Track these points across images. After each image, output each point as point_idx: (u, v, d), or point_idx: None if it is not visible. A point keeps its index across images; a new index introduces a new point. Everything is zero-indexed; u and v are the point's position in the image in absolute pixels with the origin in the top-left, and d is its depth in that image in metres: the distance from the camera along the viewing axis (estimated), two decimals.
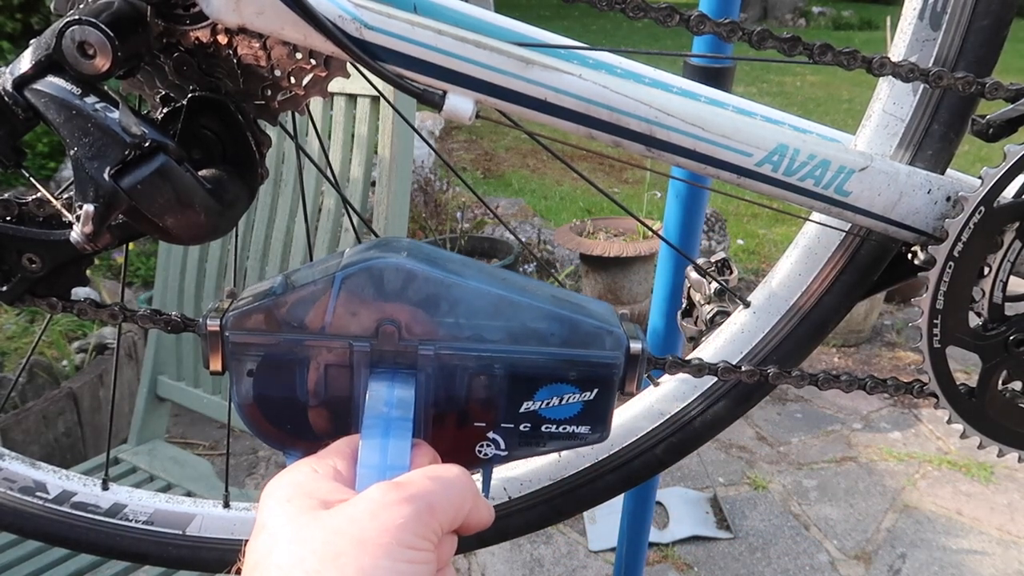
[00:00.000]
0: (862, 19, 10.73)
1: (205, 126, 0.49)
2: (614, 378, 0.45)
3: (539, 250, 3.38)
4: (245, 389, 0.44)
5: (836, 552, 1.91)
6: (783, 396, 2.53)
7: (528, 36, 0.46)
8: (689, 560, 1.89)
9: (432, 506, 0.34)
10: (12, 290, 0.50)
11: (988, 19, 0.48)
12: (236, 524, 0.65)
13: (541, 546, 1.91)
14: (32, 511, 0.62)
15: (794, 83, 7.26)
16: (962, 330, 0.54)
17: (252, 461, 2.14)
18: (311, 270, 0.45)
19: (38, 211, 0.49)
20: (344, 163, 1.30)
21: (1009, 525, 2.01)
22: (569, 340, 0.44)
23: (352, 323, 0.42)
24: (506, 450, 0.46)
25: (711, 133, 0.47)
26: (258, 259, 1.39)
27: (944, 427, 2.36)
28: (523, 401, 0.45)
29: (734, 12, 0.92)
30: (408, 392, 0.42)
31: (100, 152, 0.41)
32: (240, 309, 0.43)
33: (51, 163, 3.11)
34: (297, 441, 0.46)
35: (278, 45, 0.47)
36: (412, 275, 0.42)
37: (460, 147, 5.27)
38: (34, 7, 3.32)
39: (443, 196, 3.40)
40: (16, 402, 1.84)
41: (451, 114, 0.45)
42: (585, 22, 9.86)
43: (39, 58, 0.42)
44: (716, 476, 2.18)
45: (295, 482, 0.36)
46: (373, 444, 0.38)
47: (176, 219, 0.44)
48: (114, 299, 1.49)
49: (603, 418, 0.46)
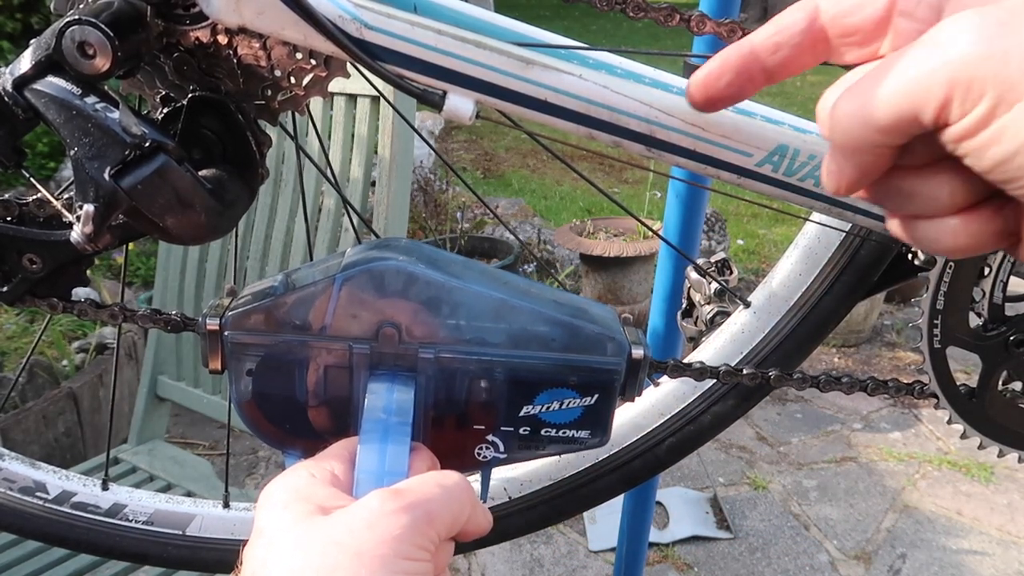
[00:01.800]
0: None
1: (205, 126, 0.48)
2: (615, 384, 0.45)
3: (539, 250, 3.38)
4: (244, 388, 0.44)
5: (836, 552, 1.91)
6: (783, 396, 2.53)
7: (528, 36, 0.46)
8: (689, 560, 1.88)
9: (430, 515, 0.34)
10: (12, 290, 0.51)
11: None
12: (236, 524, 0.65)
13: (541, 546, 1.91)
14: (32, 511, 0.62)
15: (794, 83, 7.25)
16: (962, 330, 0.54)
17: (252, 461, 2.14)
18: (311, 270, 0.45)
19: (38, 211, 0.49)
20: (344, 163, 1.30)
21: (1009, 525, 2.01)
22: (570, 345, 0.44)
23: (352, 325, 0.42)
24: (505, 453, 0.46)
25: (711, 133, 0.47)
26: (258, 259, 1.39)
27: (944, 427, 2.36)
28: (523, 405, 0.44)
29: (734, 12, 0.92)
30: (407, 396, 0.42)
31: (100, 152, 0.41)
32: (240, 308, 0.43)
33: (51, 163, 3.11)
34: (296, 440, 0.46)
35: (278, 45, 0.47)
36: (413, 277, 0.42)
37: (460, 147, 5.27)
38: (34, 7, 3.32)
39: (443, 196, 3.40)
40: (16, 402, 1.84)
41: (451, 114, 0.45)
42: (585, 22, 9.86)
43: (39, 58, 0.41)
44: (716, 476, 2.18)
45: (292, 487, 0.36)
46: (371, 449, 0.38)
47: (176, 219, 0.44)
48: (114, 299, 1.49)
49: (603, 423, 0.46)
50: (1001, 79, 0.24)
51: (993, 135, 0.25)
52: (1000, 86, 0.24)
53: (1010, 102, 0.24)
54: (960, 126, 0.25)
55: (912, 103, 0.26)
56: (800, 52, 0.32)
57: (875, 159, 0.28)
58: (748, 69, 0.32)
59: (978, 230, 0.28)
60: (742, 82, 0.33)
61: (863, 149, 0.28)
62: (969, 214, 0.28)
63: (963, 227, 0.28)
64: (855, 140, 0.28)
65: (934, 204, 0.29)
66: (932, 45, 0.26)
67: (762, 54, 0.32)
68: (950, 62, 0.25)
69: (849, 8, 0.30)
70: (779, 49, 0.32)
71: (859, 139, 0.28)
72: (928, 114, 0.26)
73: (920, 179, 0.29)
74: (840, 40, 0.31)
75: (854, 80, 0.29)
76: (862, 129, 0.27)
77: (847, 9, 0.30)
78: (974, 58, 0.25)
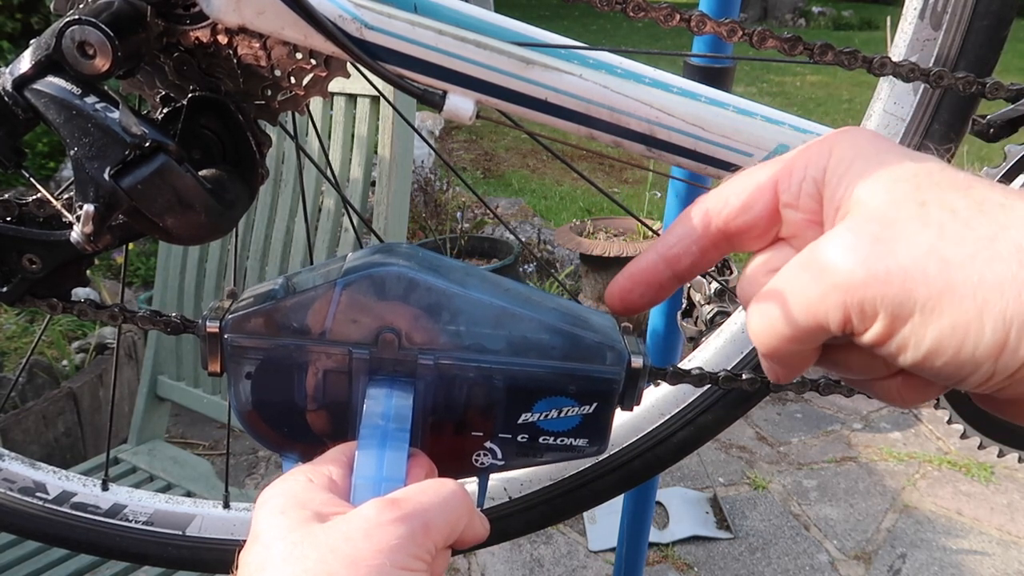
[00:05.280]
0: (862, 19, 10.73)
1: (205, 126, 0.48)
2: (614, 393, 0.45)
3: (539, 250, 3.38)
4: (243, 391, 0.44)
5: (836, 552, 1.91)
6: (783, 396, 2.53)
7: (528, 36, 0.46)
8: (689, 560, 1.88)
9: (427, 525, 0.34)
10: (12, 291, 0.50)
11: (989, 19, 0.48)
12: (236, 524, 0.65)
13: (541, 546, 1.91)
14: (32, 511, 0.62)
15: (794, 83, 7.26)
16: None
17: (252, 461, 2.14)
18: (312, 274, 0.45)
19: (38, 211, 0.49)
20: (344, 163, 1.30)
21: (1009, 525, 2.01)
22: (570, 354, 0.43)
23: (352, 330, 0.42)
24: (503, 460, 0.46)
25: (711, 133, 0.47)
26: (258, 259, 1.39)
27: (944, 427, 2.36)
28: (521, 412, 0.44)
29: (734, 12, 0.92)
30: (406, 402, 0.42)
31: (100, 152, 0.41)
32: (240, 311, 0.43)
33: (51, 163, 3.11)
34: (294, 444, 0.46)
35: (278, 45, 0.47)
36: (414, 283, 0.42)
37: (460, 147, 5.27)
38: (34, 7, 3.31)
39: (443, 196, 3.40)
40: (16, 402, 1.84)
41: (451, 114, 0.45)
42: (585, 22, 9.86)
43: (39, 58, 0.41)
44: (716, 476, 2.18)
45: (290, 491, 0.36)
46: (369, 455, 0.38)
47: (176, 219, 0.43)
48: (114, 299, 1.48)
49: (601, 431, 0.46)
50: (888, 299, 0.25)
51: (899, 346, 0.26)
52: (889, 305, 0.25)
53: (904, 317, 0.25)
54: (866, 338, 0.26)
55: (815, 322, 0.27)
56: (703, 254, 0.34)
57: (800, 359, 0.30)
58: (657, 280, 0.34)
59: (921, 385, 0.29)
60: (654, 292, 0.35)
61: (783, 355, 0.29)
62: (906, 376, 0.29)
63: (905, 385, 0.30)
64: (773, 350, 0.29)
65: (872, 372, 0.30)
66: (819, 270, 0.27)
67: (669, 264, 0.34)
68: (838, 287, 0.26)
69: (736, 212, 0.32)
70: (682, 258, 0.34)
71: (776, 349, 0.29)
72: (834, 328, 0.27)
73: (852, 354, 0.30)
74: (737, 238, 0.33)
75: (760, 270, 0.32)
76: (777, 341, 0.29)
77: (735, 213, 0.32)
78: (858, 283, 0.26)
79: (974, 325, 0.24)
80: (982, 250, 0.24)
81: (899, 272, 0.25)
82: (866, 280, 0.25)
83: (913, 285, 0.25)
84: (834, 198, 0.29)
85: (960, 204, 0.26)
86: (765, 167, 0.32)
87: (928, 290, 0.25)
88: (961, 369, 0.25)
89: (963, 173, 0.27)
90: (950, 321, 0.24)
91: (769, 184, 0.31)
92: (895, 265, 0.25)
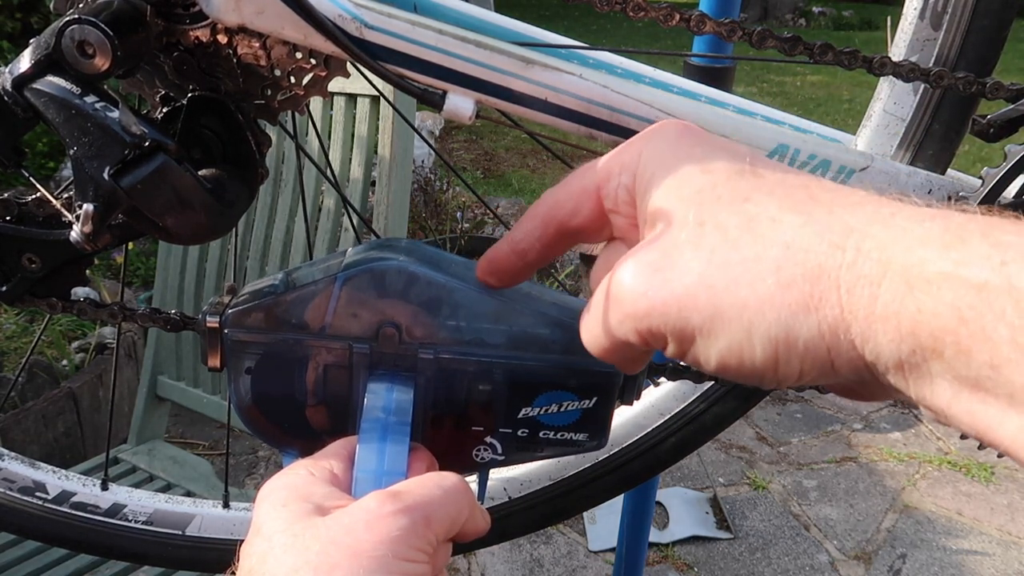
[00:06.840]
0: (862, 19, 10.73)
1: (205, 126, 0.48)
2: (614, 387, 0.45)
3: None
4: (243, 387, 0.44)
5: (836, 552, 1.91)
6: (783, 396, 2.53)
7: (528, 36, 0.46)
8: (689, 560, 1.88)
9: (428, 517, 0.34)
10: (12, 290, 0.50)
11: (989, 19, 0.48)
12: (236, 524, 0.65)
13: (541, 546, 1.91)
14: (31, 511, 0.62)
15: (794, 83, 7.26)
16: None
17: (252, 461, 2.14)
18: (312, 269, 0.45)
19: (38, 211, 0.49)
20: (344, 163, 1.30)
21: (1009, 525, 2.01)
22: (570, 348, 0.43)
23: (352, 324, 0.42)
24: (503, 455, 0.46)
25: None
26: (258, 259, 1.39)
27: (944, 427, 2.36)
28: (522, 407, 0.44)
29: (734, 12, 0.92)
30: (407, 396, 0.42)
31: (100, 152, 0.41)
32: (240, 306, 0.43)
33: (51, 163, 3.11)
34: (294, 439, 0.46)
35: (278, 45, 0.47)
36: (414, 278, 0.42)
37: (460, 147, 5.27)
38: (34, 7, 3.31)
39: (443, 196, 3.39)
40: (16, 402, 1.84)
41: (451, 114, 0.45)
42: (585, 22, 9.86)
43: (39, 58, 0.41)
44: (716, 476, 2.18)
45: (291, 485, 0.36)
46: (370, 449, 0.38)
47: (176, 219, 0.43)
48: (114, 299, 1.49)
49: (602, 426, 0.46)
50: (670, 326, 0.27)
51: (694, 361, 0.28)
52: (672, 331, 0.27)
53: (688, 339, 0.27)
54: (668, 353, 0.29)
55: (621, 340, 0.30)
56: (547, 248, 0.36)
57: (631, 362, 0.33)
58: (512, 268, 0.38)
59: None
60: (511, 277, 0.39)
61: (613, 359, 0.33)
62: None
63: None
64: (602, 355, 0.33)
65: None
66: (614, 299, 0.29)
67: (519, 256, 0.37)
68: (628, 316, 0.28)
69: (567, 215, 0.35)
70: (528, 252, 0.37)
71: (603, 355, 0.32)
72: (638, 346, 0.29)
73: None
74: (576, 236, 0.35)
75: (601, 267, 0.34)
76: (600, 351, 0.32)
77: (567, 216, 0.35)
78: (642, 313, 0.28)
79: (745, 345, 0.26)
80: (745, 273, 0.26)
81: (674, 302, 0.27)
82: (648, 311, 0.28)
83: (688, 313, 0.27)
84: (642, 210, 0.31)
85: (732, 223, 0.27)
86: (592, 169, 0.34)
87: (700, 316, 0.26)
88: (754, 378, 0.27)
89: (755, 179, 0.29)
90: (726, 343, 0.26)
91: (593, 189, 0.34)
92: (670, 295, 0.27)
